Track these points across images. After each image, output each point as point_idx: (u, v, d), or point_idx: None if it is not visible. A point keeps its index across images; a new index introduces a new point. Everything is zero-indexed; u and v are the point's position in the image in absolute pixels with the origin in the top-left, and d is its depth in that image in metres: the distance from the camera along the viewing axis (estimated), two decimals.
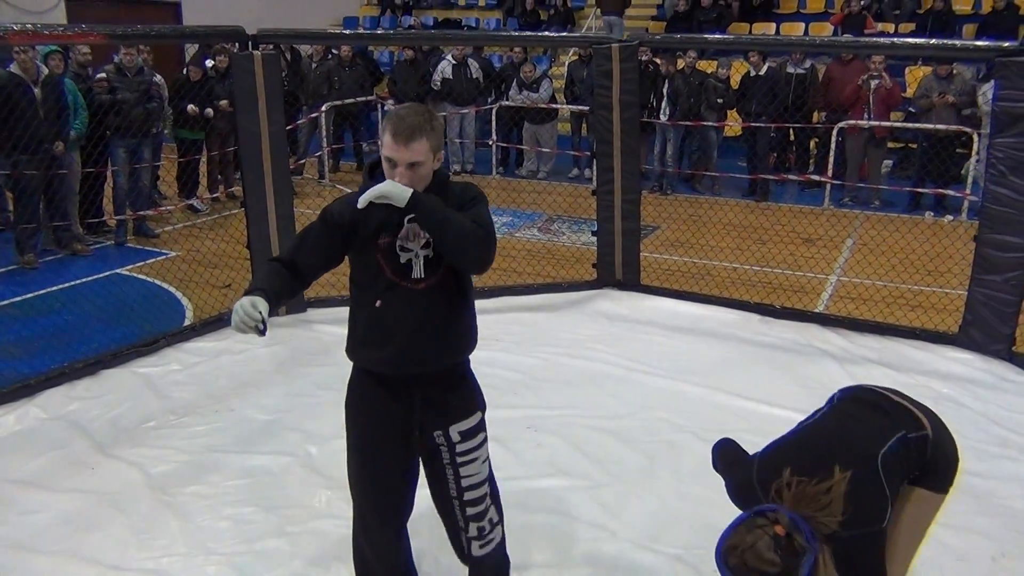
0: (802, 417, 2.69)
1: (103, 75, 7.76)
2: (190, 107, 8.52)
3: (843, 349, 5.29)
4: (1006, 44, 5.02)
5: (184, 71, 8.99)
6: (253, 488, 3.76)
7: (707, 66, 10.87)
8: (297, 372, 4.97)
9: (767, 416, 2.69)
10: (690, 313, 5.85)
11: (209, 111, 8.65)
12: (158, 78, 8.35)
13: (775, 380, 4.80)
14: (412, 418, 2.59)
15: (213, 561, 3.26)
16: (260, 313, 2.34)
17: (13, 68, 6.82)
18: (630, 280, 6.27)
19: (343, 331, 5.38)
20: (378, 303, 2.51)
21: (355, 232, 2.52)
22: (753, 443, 4.17)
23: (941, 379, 4.83)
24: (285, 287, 2.55)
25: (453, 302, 2.55)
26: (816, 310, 6.01)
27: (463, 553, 2.72)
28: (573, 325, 5.55)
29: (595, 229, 6.35)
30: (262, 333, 2.35)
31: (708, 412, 4.44)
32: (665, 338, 5.48)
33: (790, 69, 9.99)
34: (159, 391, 4.72)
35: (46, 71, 7.08)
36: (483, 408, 2.68)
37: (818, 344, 5.34)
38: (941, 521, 3.45)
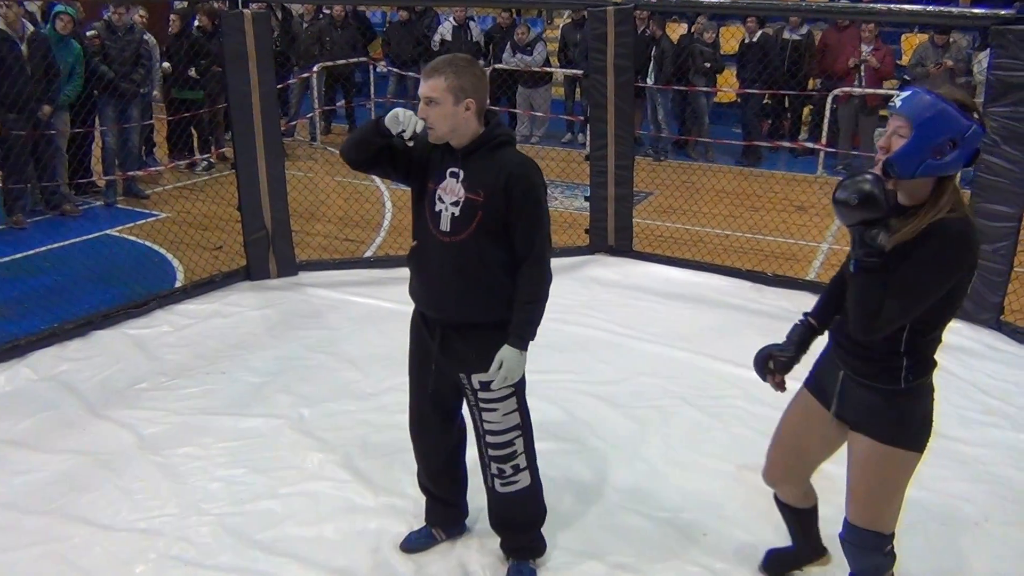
0: (793, 383, 2.70)
1: (94, 31, 7.66)
2: (191, 70, 8.40)
3: None
4: (1003, 12, 4.98)
5: (168, 27, 8.86)
6: (245, 450, 3.77)
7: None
8: (288, 335, 4.97)
9: (757, 382, 2.71)
10: (682, 280, 5.86)
11: (193, 70, 8.52)
12: (148, 37, 8.24)
13: None
14: (431, 353, 2.77)
15: (206, 522, 3.28)
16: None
17: None
18: (623, 246, 6.27)
19: (334, 295, 5.40)
20: (415, 242, 2.72)
21: (420, 167, 2.68)
22: (744, 410, 4.24)
23: None
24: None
25: (480, 263, 2.60)
26: (807, 278, 6.02)
27: (487, 485, 2.88)
28: (565, 291, 5.54)
29: (588, 194, 6.34)
30: (411, 140, 2.54)
31: (699, 378, 4.47)
32: (657, 304, 5.49)
33: (787, 35, 9.90)
34: (150, 353, 4.72)
35: (31, 28, 6.97)
36: None
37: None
38: (926, 486, 3.51)
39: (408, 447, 3.05)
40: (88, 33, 7.66)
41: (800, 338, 2.61)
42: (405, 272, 2.84)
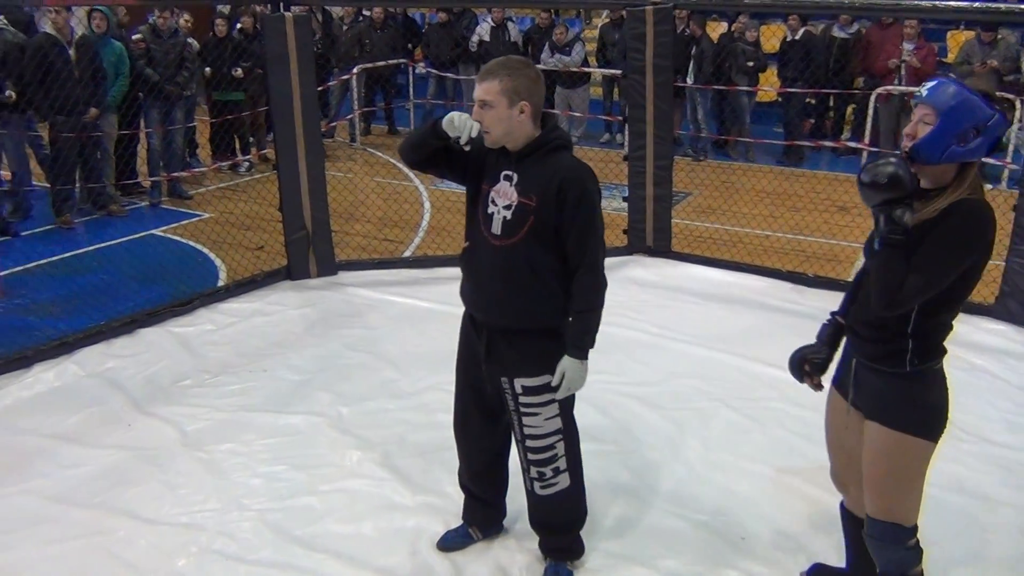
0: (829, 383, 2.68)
1: (139, 35, 7.80)
2: (236, 70, 8.52)
3: None
4: None
5: (211, 31, 8.99)
6: (285, 447, 3.82)
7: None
8: (328, 334, 5.02)
9: (797, 385, 2.69)
10: (721, 280, 5.81)
11: (239, 71, 8.64)
12: (192, 41, 8.38)
13: None
14: (478, 355, 2.76)
15: (247, 517, 3.33)
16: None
17: (48, 29, 6.88)
18: (661, 247, 6.24)
19: (373, 294, 5.43)
20: (467, 243, 2.72)
21: (476, 167, 2.69)
22: (783, 412, 4.19)
23: (976, 351, 4.76)
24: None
25: (529, 268, 2.58)
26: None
27: (527, 488, 2.87)
28: None
29: (626, 195, 6.31)
30: (467, 145, 2.54)
31: (738, 380, 4.43)
32: (696, 305, 5.46)
33: (836, 32, 9.77)
34: (194, 350, 4.80)
35: (80, 32, 7.13)
36: (555, 371, 2.69)
37: None
38: (968, 491, 3.45)
39: (446, 445, 3.07)
40: (134, 37, 7.81)
41: (830, 337, 2.67)
42: (443, 272, 2.86)
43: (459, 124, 2.53)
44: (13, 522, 3.30)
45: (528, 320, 2.64)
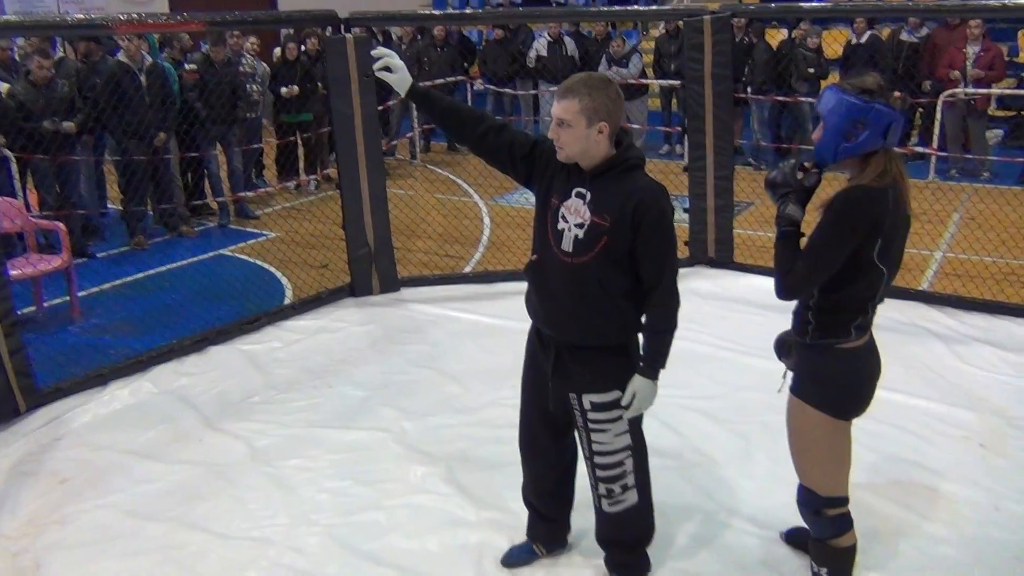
0: (904, 398, 2.66)
1: (192, 66, 7.95)
2: (283, 90, 8.70)
3: (949, 328, 5.08)
4: None
5: (280, 52, 9.18)
6: (351, 462, 3.87)
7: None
8: (391, 350, 5.08)
9: None
10: None
11: (295, 88, 8.76)
12: (260, 64, 8.57)
13: None
14: (546, 372, 2.74)
15: (314, 532, 3.38)
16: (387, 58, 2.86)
17: (121, 56, 7.13)
18: (723, 257, 6.16)
19: (435, 310, 5.47)
20: (535, 256, 2.68)
21: (545, 178, 2.66)
22: (852, 425, 4.07)
23: None
24: (448, 104, 2.87)
25: (600, 287, 2.56)
26: (920, 288, 5.79)
27: (595, 504, 2.85)
28: None
29: (687, 206, 6.26)
30: (367, 74, 2.74)
31: None
32: (759, 317, 5.35)
33: (904, 36, 9.54)
34: (261, 367, 4.90)
35: (150, 60, 7.36)
36: (625, 387, 2.67)
37: (922, 323, 5.15)
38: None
39: (509, 461, 3.07)
40: (186, 67, 7.94)
41: None
42: (504, 287, 2.87)
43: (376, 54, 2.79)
44: (91, 536, 3.41)
45: (597, 337, 2.62)
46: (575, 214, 2.55)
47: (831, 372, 2.55)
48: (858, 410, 2.60)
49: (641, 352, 2.66)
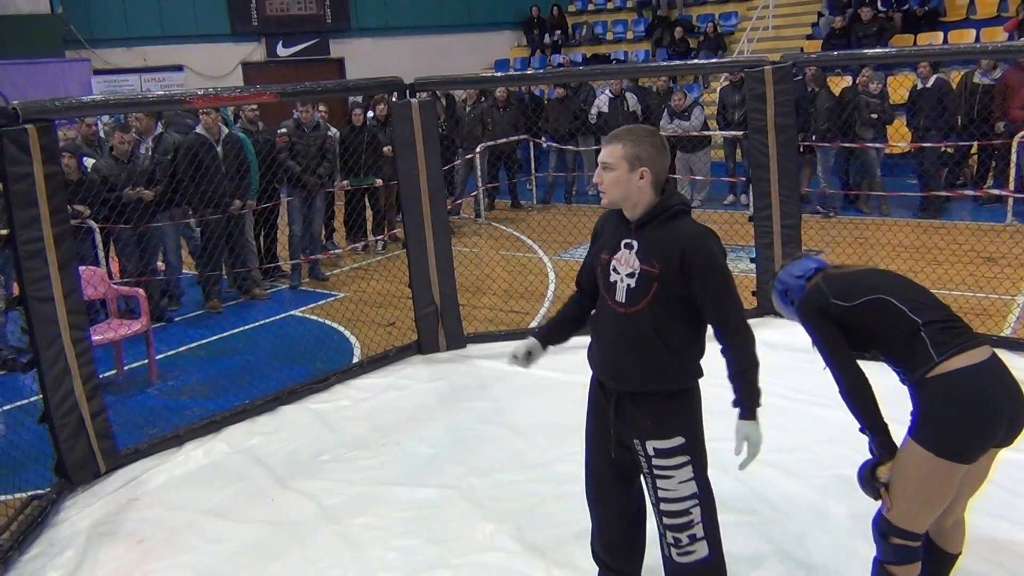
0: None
1: (284, 130, 8.31)
2: (386, 149, 8.84)
3: None
4: None
5: (348, 118, 9.47)
6: (419, 520, 3.86)
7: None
8: (458, 406, 5.09)
9: None
10: None
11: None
12: (333, 131, 8.86)
13: None
14: (609, 419, 2.77)
15: None
16: (518, 356, 3.04)
17: (199, 129, 7.44)
18: None
19: (501, 367, 5.47)
20: (594, 311, 2.80)
21: (598, 243, 2.81)
22: None
23: None
24: (567, 318, 3.04)
25: (655, 334, 2.60)
26: (1003, 334, 5.57)
27: (664, 554, 2.80)
28: None
29: (753, 256, 6.18)
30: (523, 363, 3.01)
31: None
32: None
33: (977, 78, 9.37)
34: (331, 426, 4.95)
35: (226, 130, 7.67)
36: (689, 433, 2.68)
37: None
38: None
39: (577, 518, 3.03)
40: (279, 131, 8.32)
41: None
42: (570, 341, 2.87)
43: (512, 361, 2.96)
44: None
45: (655, 384, 2.64)
46: (625, 265, 2.62)
47: (933, 403, 2.56)
48: (966, 447, 2.51)
49: (735, 398, 2.66)
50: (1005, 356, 5.25)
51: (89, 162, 7.30)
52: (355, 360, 6.05)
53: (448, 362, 5.80)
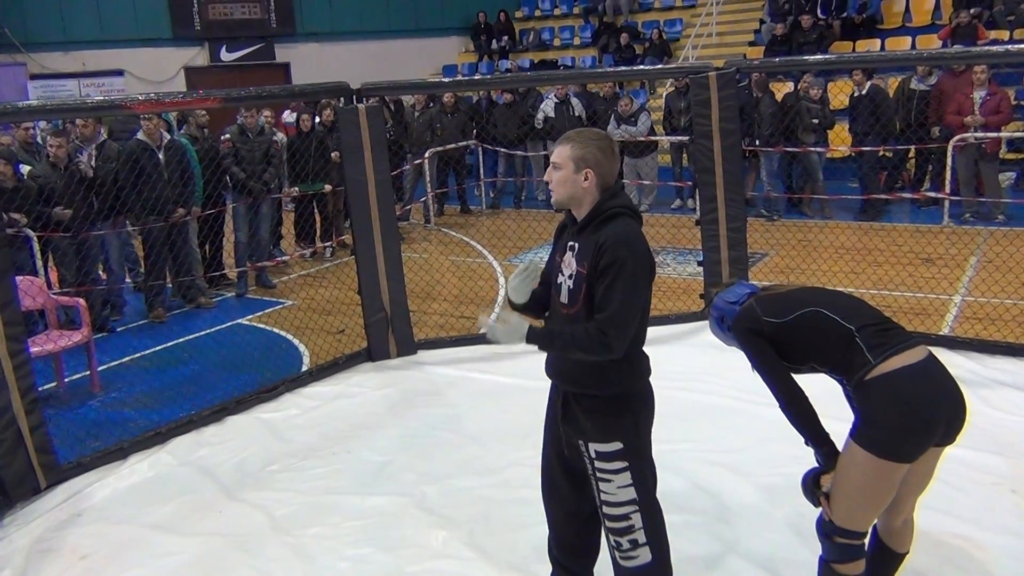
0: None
1: (227, 136, 8.17)
2: (333, 154, 8.75)
3: (974, 372, 5.01)
4: None
5: (296, 122, 9.36)
6: (371, 529, 3.82)
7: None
8: (409, 413, 5.06)
9: None
10: None
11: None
12: (279, 136, 8.74)
13: None
14: (557, 417, 2.81)
15: None
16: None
17: (140, 135, 7.29)
18: None
19: (454, 372, 5.47)
20: (548, 312, 2.82)
21: (556, 243, 2.84)
22: None
23: None
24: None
25: None
26: (941, 333, 5.73)
27: (612, 557, 2.82)
28: (683, 358, 5.45)
29: (701, 259, 6.26)
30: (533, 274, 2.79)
31: None
32: None
33: (914, 84, 9.64)
34: (280, 435, 4.89)
35: (168, 136, 7.52)
36: (627, 440, 2.68)
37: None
38: None
39: (531, 522, 3.04)
40: (222, 137, 8.18)
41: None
42: (521, 348, 2.86)
43: (516, 286, 2.77)
44: None
45: (595, 386, 2.67)
46: (567, 266, 2.68)
47: (871, 405, 2.59)
48: (905, 446, 2.53)
49: (544, 324, 2.74)
50: (943, 355, 5.39)
51: (25, 169, 7.11)
52: (304, 368, 5.97)
53: (399, 369, 5.77)
